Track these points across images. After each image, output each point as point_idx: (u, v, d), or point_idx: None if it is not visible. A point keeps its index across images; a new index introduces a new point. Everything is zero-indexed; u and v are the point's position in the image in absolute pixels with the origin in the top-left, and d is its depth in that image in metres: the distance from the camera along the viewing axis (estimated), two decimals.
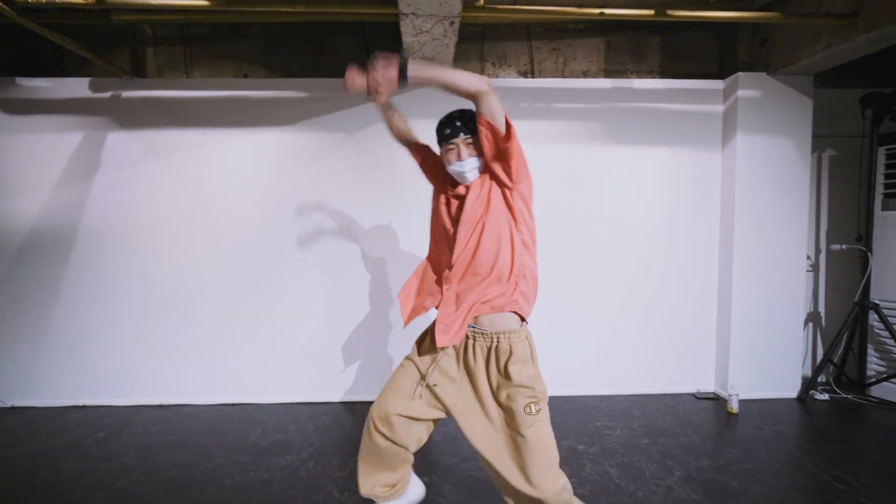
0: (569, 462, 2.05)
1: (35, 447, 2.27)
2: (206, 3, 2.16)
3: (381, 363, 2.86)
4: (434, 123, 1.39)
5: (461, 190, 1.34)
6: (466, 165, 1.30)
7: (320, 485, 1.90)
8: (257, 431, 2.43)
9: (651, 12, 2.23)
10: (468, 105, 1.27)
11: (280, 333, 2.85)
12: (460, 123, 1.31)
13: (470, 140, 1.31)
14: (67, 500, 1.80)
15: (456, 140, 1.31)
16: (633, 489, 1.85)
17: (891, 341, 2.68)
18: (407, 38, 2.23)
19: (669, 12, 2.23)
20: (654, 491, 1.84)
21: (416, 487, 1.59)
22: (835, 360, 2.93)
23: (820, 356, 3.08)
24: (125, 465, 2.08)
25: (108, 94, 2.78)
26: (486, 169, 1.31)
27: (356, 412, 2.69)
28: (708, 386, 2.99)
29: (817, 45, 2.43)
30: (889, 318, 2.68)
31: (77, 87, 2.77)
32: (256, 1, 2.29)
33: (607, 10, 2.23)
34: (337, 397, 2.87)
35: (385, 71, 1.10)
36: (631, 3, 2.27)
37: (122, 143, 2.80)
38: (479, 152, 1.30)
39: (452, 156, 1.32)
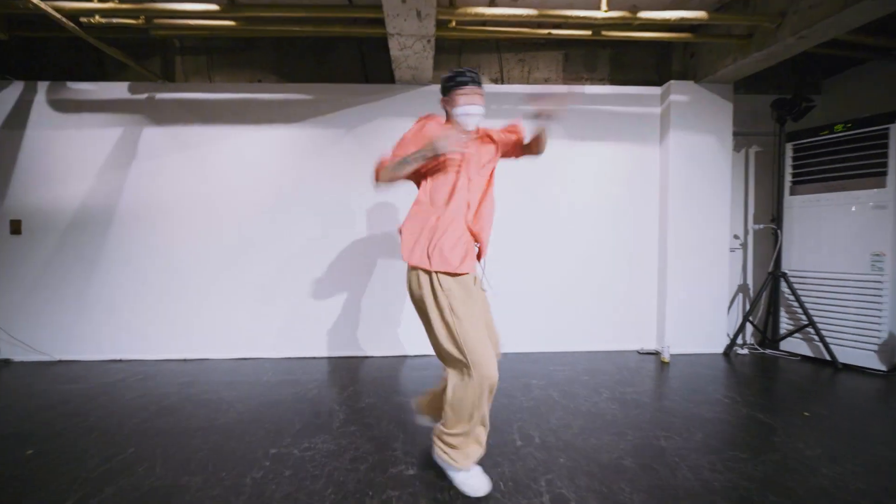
0: (521, 389, 2.58)
1: (89, 383, 2.77)
2: (231, 24, 2.69)
3: (369, 324, 3.38)
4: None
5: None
6: (473, 108, 1.57)
7: (323, 402, 2.42)
8: (268, 374, 2.94)
9: (589, 32, 2.79)
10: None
11: (285, 298, 3.36)
12: (474, 75, 1.58)
13: (480, 92, 1.59)
14: (123, 412, 2.30)
15: (468, 86, 1.57)
16: (567, 403, 2.38)
17: (796, 304, 3.23)
18: (394, 52, 2.77)
19: (603, 32, 2.79)
20: (582, 404, 2.37)
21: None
22: (755, 322, 3.49)
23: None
24: (165, 393, 2.58)
25: (143, 96, 3.30)
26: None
27: (350, 363, 3.20)
28: (650, 345, 3.53)
29: (727, 60, 3.00)
30: (795, 285, 3.24)
31: (117, 90, 3.29)
32: (271, 22, 2.83)
33: (554, 31, 2.79)
34: (335, 353, 3.38)
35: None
36: (573, 26, 2.82)
37: (154, 138, 3.31)
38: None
39: (461, 99, 1.55)
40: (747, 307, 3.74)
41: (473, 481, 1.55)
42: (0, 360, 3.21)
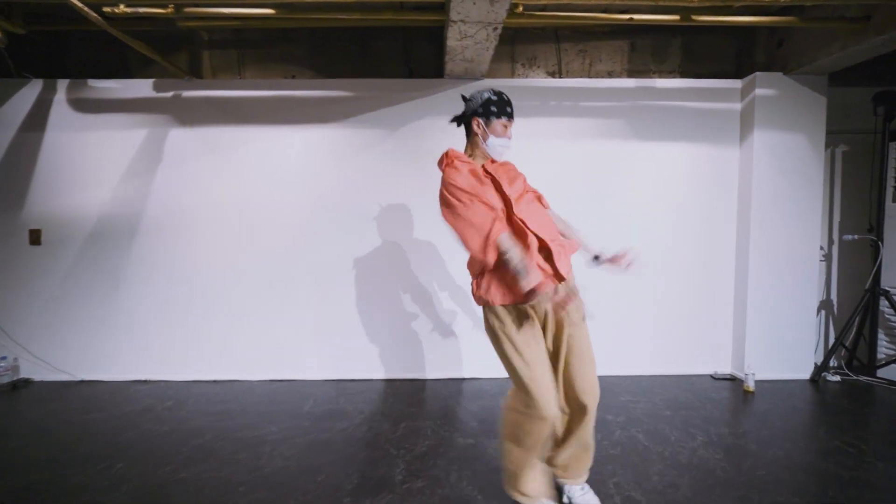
0: (599, 429, 2.24)
1: (114, 412, 2.52)
2: (269, 11, 2.39)
3: (410, 344, 3.08)
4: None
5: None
6: (511, 143, 1.59)
7: (377, 444, 2.12)
8: (309, 402, 2.66)
9: (677, 17, 2.42)
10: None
11: (323, 315, 3.07)
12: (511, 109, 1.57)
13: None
14: (152, 455, 2.04)
15: (512, 120, 1.58)
16: (661, 450, 2.05)
17: None
18: (451, 43, 2.44)
19: (693, 17, 2.42)
20: (679, 451, 2.03)
21: None
22: (846, 345, 3.10)
23: (832, 341, 3.23)
24: (198, 428, 2.31)
25: (169, 94, 3.02)
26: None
27: (395, 387, 2.91)
28: (724, 368, 3.16)
29: (833, 47, 2.59)
30: None
31: (141, 88, 3.02)
32: (312, 9, 2.51)
33: (636, 16, 2.42)
34: (377, 375, 3.08)
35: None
36: (657, 9, 2.45)
37: (180, 140, 3.04)
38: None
39: (505, 131, 1.57)
40: (831, 327, 3.35)
41: None
42: (20, 379, 2.99)
